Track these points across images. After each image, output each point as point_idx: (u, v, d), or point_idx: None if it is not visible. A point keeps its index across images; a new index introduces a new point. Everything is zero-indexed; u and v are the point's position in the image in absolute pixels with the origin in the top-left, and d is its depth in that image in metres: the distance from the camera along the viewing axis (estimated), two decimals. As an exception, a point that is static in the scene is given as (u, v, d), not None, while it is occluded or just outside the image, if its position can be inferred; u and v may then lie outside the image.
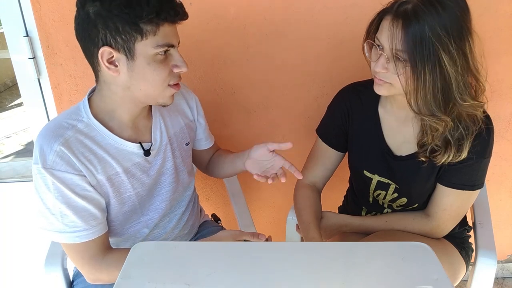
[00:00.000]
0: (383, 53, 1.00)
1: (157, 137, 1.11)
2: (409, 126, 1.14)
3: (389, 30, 0.97)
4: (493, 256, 1.21)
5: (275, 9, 1.41)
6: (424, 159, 1.10)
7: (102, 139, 1.00)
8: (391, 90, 1.05)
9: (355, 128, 1.23)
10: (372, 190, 1.25)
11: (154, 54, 0.93)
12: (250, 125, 1.61)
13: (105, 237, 1.04)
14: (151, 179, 1.10)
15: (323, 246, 1.04)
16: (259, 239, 1.03)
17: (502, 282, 1.96)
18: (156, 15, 0.89)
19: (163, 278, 0.85)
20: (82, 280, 1.18)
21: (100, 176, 0.99)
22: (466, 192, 1.12)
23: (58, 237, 0.99)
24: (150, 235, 1.15)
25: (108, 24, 0.89)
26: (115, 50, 0.91)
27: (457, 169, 1.10)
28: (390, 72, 1.00)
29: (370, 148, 1.21)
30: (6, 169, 1.81)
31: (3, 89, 5.52)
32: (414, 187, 1.19)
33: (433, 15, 0.93)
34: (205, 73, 1.51)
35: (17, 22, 1.40)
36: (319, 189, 1.33)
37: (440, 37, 0.93)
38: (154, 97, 1.00)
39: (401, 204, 1.23)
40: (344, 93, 1.26)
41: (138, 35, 0.90)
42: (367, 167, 1.23)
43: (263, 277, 0.86)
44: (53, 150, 0.93)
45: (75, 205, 0.96)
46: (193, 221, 1.28)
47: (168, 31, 0.93)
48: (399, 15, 0.95)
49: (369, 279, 0.86)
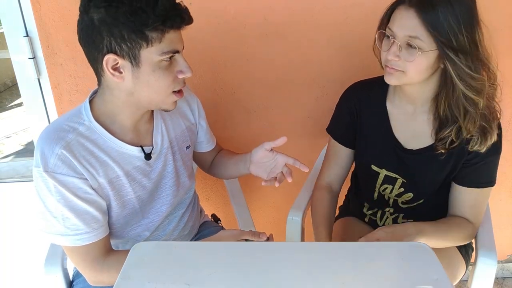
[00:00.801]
0: (395, 41, 1.02)
1: (158, 141, 1.10)
2: (418, 120, 1.16)
3: (402, 18, 1.01)
4: (493, 256, 1.21)
5: (275, 9, 1.41)
6: (444, 151, 1.12)
7: (103, 142, 1.00)
8: (402, 78, 1.06)
9: (364, 123, 1.25)
10: (378, 185, 1.26)
11: (159, 61, 0.93)
12: (250, 125, 1.61)
13: (106, 240, 1.04)
14: (152, 182, 1.10)
15: (323, 246, 1.04)
16: (260, 238, 1.02)
17: (502, 282, 1.96)
18: (162, 23, 0.88)
19: (163, 278, 0.85)
20: (82, 280, 1.17)
21: (101, 179, 0.99)
22: (486, 189, 1.17)
23: (59, 240, 0.99)
24: (151, 237, 1.15)
25: (113, 32, 0.88)
26: (120, 57, 0.91)
27: (475, 169, 1.14)
28: (402, 60, 1.03)
29: (378, 142, 1.23)
30: (6, 169, 1.81)
31: (3, 89, 5.52)
32: (422, 182, 1.20)
33: (446, 5, 0.96)
34: (205, 73, 1.51)
35: (17, 22, 1.40)
36: (335, 190, 1.34)
37: (452, 25, 0.97)
38: (157, 102, 1.00)
39: (406, 199, 1.24)
40: (351, 90, 1.28)
41: (144, 42, 0.90)
42: (374, 162, 1.24)
43: (263, 277, 0.86)
44: (54, 153, 0.93)
45: (77, 208, 0.96)
46: (193, 222, 1.28)
47: (173, 38, 0.93)
48: (412, 4, 0.99)
49: (369, 279, 0.86)
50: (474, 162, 1.13)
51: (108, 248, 1.05)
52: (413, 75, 1.04)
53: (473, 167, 1.14)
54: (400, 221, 1.29)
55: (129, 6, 0.86)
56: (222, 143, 1.44)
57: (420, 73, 1.04)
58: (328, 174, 1.33)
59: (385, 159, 1.22)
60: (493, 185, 1.17)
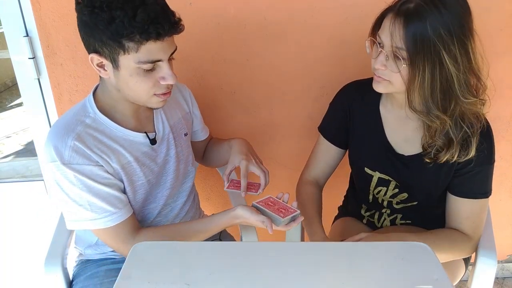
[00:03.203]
0: (383, 50, 1.00)
1: (160, 127, 1.15)
2: (410, 126, 1.15)
3: (390, 28, 0.98)
4: (493, 256, 1.21)
5: (275, 9, 1.41)
6: (429, 160, 1.11)
7: (110, 132, 1.04)
8: (389, 87, 1.05)
9: (357, 124, 1.24)
10: (372, 188, 1.25)
11: (137, 67, 0.95)
12: (250, 125, 1.61)
13: (133, 218, 1.08)
14: (159, 167, 1.14)
15: (323, 246, 1.04)
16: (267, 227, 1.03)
17: (502, 282, 1.96)
18: (139, 34, 0.89)
19: (163, 278, 0.85)
20: (82, 280, 1.18)
21: (115, 164, 1.03)
22: (481, 200, 1.14)
23: (90, 225, 1.03)
24: (153, 222, 1.18)
25: (95, 35, 0.92)
26: (102, 57, 0.95)
27: (467, 178, 1.12)
28: (388, 70, 1.01)
29: (371, 145, 1.22)
30: (6, 169, 1.81)
31: (3, 89, 5.51)
32: (415, 186, 1.19)
33: (435, 15, 0.93)
34: (205, 73, 1.51)
35: (17, 22, 1.40)
36: (321, 185, 1.34)
37: (442, 36, 0.93)
38: (141, 102, 1.03)
39: (401, 199, 1.23)
40: (345, 90, 1.27)
41: (121, 50, 0.92)
42: (368, 164, 1.23)
43: (263, 277, 0.86)
44: (68, 145, 0.97)
45: (100, 192, 1.01)
46: (193, 213, 1.31)
47: (153, 48, 0.93)
48: (401, 13, 0.96)
49: (369, 279, 0.86)
50: (465, 172, 1.11)
51: (137, 226, 1.10)
52: (399, 85, 1.02)
53: (464, 176, 1.12)
54: (398, 222, 1.29)
55: (108, 14, 0.88)
56: (222, 143, 1.44)
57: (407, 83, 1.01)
58: (315, 171, 1.33)
59: (378, 162, 1.21)
60: (487, 196, 1.14)
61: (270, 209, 1.05)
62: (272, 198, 1.11)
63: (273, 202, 1.09)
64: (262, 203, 1.07)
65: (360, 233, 1.12)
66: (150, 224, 1.18)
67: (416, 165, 1.15)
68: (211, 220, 1.11)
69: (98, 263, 1.20)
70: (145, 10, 0.88)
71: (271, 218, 1.03)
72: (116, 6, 0.88)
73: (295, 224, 1.06)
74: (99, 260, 1.21)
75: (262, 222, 1.03)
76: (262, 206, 1.06)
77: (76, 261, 1.26)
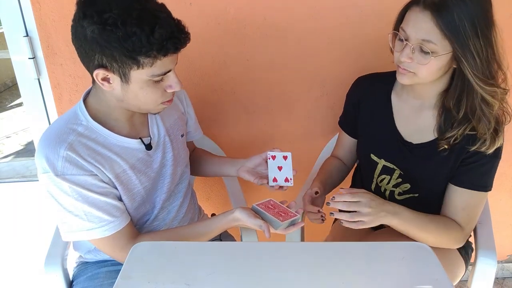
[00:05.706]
0: (408, 43, 1.02)
1: (155, 131, 1.13)
2: (423, 115, 1.17)
3: (416, 21, 1.00)
4: (493, 256, 1.21)
5: (275, 9, 1.41)
6: (447, 146, 1.11)
7: (104, 140, 1.02)
8: (414, 79, 1.07)
9: (366, 114, 1.27)
10: (376, 175, 1.27)
11: (149, 80, 0.94)
12: (250, 125, 1.61)
13: (130, 225, 1.07)
14: (155, 172, 1.13)
15: (323, 246, 1.04)
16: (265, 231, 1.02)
17: (502, 282, 1.96)
18: (156, 51, 0.88)
19: (163, 278, 0.85)
20: (82, 280, 1.18)
21: (109, 174, 1.01)
22: (480, 193, 1.13)
23: (87, 235, 1.01)
24: (151, 226, 1.17)
25: (105, 52, 0.88)
26: (110, 72, 0.92)
27: (471, 168, 1.12)
28: (415, 62, 1.03)
29: (380, 132, 1.24)
30: (6, 169, 1.81)
31: (3, 89, 5.52)
32: (419, 175, 1.20)
33: (460, 6, 0.96)
34: (205, 73, 1.51)
35: (17, 22, 1.40)
36: (347, 164, 1.41)
37: (467, 27, 0.96)
38: (145, 110, 1.03)
39: (403, 190, 1.23)
40: (358, 80, 1.31)
41: (135, 65, 0.90)
42: (374, 151, 1.25)
43: (263, 277, 0.86)
44: (60, 156, 0.94)
45: (96, 202, 0.99)
46: (192, 214, 1.30)
47: (166, 61, 0.93)
48: (427, 6, 0.98)
49: (369, 279, 0.86)
50: (471, 162, 1.11)
51: (134, 233, 1.08)
52: (425, 76, 1.05)
53: (468, 167, 1.12)
54: None
55: (123, 31, 0.85)
56: (221, 142, 1.44)
57: (432, 74, 1.05)
58: (338, 154, 1.41)
59: (385, 149, 1.23)
60: (487, 190, 1.14)
61: (270, 212, 1.05)
62: (272, 201, 1.10)
63: (273, 205, 1.08)
64: (262, 205, 1.07)
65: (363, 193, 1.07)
66: (147, 228, 1.16)
67: (423, 153, 1.17)
68: (210, 224, 1.11)
69: (98, 264, 1.20)
70: (162, 26, 0.87)
71: (269, 221, 1.03)
72: (132, 23, 0.85)
73: (295, 228, 1.05)
74: (99, 262, 1.20)
75: (259, 226, 1.02)
76: (262, 208, 1.05)
77: (77, 261, 1.26)
